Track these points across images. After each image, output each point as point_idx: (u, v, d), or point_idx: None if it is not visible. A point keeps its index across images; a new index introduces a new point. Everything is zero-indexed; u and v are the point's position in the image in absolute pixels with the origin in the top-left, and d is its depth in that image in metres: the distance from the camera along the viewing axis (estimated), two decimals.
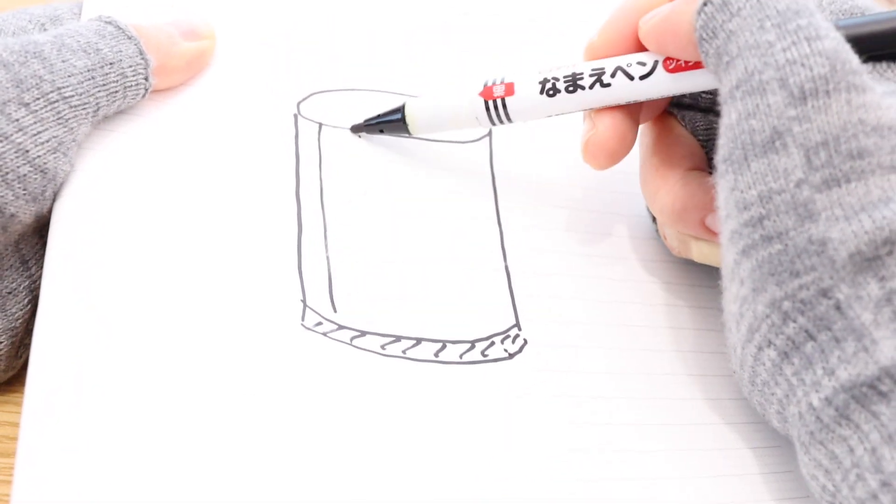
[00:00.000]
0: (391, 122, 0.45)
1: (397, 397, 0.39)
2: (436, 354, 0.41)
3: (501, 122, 0.43)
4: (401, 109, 0.45)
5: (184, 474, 0.34)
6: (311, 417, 0.37)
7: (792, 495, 0.40)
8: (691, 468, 0.40)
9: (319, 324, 0.40)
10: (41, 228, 0.41)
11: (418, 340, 0.41)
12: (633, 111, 0.42)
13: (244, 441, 0.36)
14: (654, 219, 0.46)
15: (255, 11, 0.48)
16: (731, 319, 0.37)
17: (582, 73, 0.41)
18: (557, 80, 0.42)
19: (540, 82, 0.42)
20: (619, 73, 0.41)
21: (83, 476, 0.33)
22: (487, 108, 0.43)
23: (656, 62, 0.40)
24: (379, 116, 0.45)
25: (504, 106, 0.43)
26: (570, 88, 0.41)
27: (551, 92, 0.42)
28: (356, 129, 0.46)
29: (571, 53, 0.51)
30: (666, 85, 0.40)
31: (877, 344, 0.33)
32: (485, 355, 0.41)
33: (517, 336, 0.42)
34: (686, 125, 0.44)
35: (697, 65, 0.39)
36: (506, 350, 0.42)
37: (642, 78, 0.40)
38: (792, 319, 0.34)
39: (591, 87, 0.41)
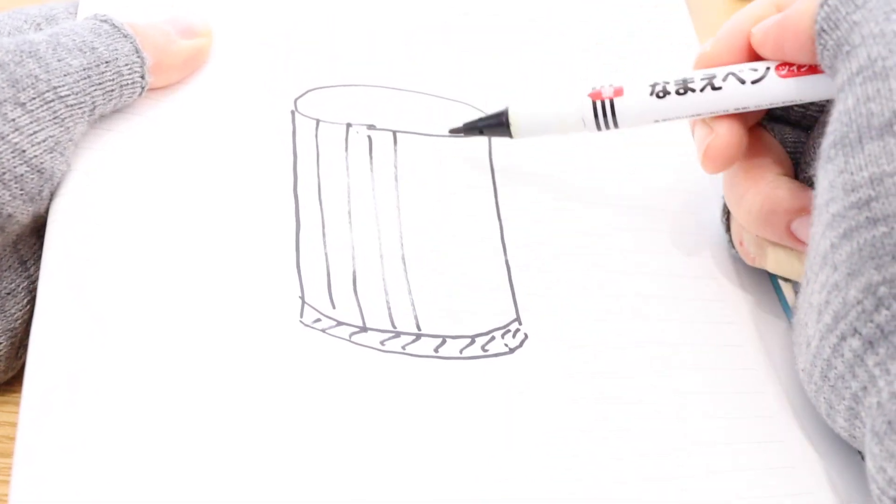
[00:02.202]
0: (493, 126, 0.45)
1: (397, 393, 0.39)
2: (436, 350, 0.41)
3: (608, 126, 0.43)
4: (504, 112, 0.45)
5: (182, 472, 0.34)
6: (310, 414, 0.37)
7: (792, 490, 0.40)
8: (692, 467, 0.40)
9: (318, 320, 0.40)
10: (39, 229, 0.41)
11: (418, 336, 0.41)
12: (742, 120, 0.43)
13: (243, 439, 0.36)
14: (727, 228, 0.46)
15: (252, 9, 0.48)
16: (812, 311, 0.37)
17: (693, 78, 0.42)
18: (668, 83, 0.42)
19: (650, 85, 0.42)
20: (731, 78, 0.41)
21: (81, 475, 0.33)
22: (595, 111, 0.43)
23: (768, 68, 0.41)
24: (481, 120, 0.46)
25: (612, 109, 0.43)
26: (681, 91, 0.42)
27: (661, 94, 0.42)
28: (455, 132, 0.46)
29: (571, 54, 0.52)
30: (777, 90, 0.41)
31: None
32: (485, 350, 0.41)
33: (517, 331, 0.42)
34: (776, 136, 0.44)
35: (811, 70, 0.40)
36: (506, 345, 0.41)
37: (754, 83, 0.41)
38: (885, 307, 0.34)
39: (702, 90, 0.41)
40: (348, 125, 0.46)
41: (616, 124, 0.43)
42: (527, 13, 0.53)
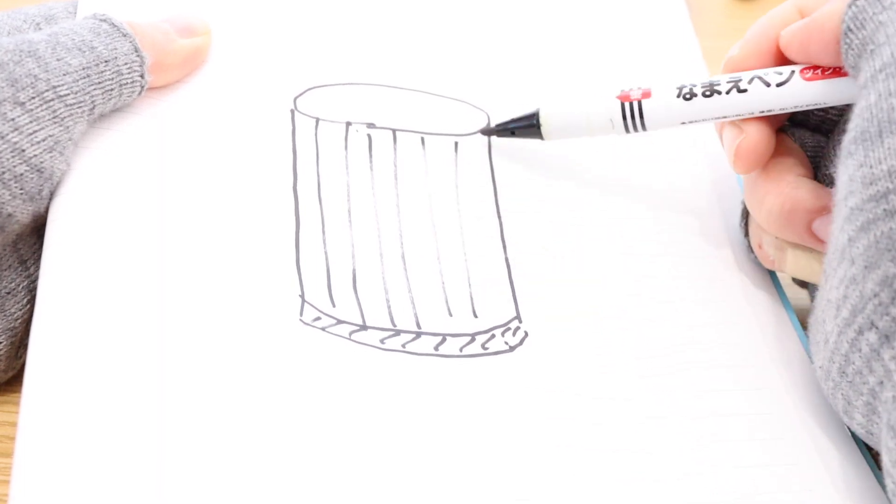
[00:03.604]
0: (524, 127, 0.46)
1: (397, 392, 0.39)
2: (436, 348, 0.40)
3: (636, 128, 0.44)
4: (535, 115, 0.46)
5: (181, 471, 0.34)
6: (311, 413, 0.37)
7: (795, 488, 0.40)
8: (693, 464, 0.40)
9: (318, 319, 0.40)
10: (39, 228, 0.41)
11: (418, 334, 0.41)
12: (770, 122, 0.43)
13: (243, 438, 0.36)
14: (745, 232, 0.46)
15: (251, 7, 0.48)
16: (830, 307, 0.37)
17: (719, 81, 0.43)
18: (695, 85, 0.43)
19: (677, 87, 0.43)
20: (756, 81, 0.42)
21: (81, 475, 0.33)
22: (623, 113, 0.44)
23: (793, 71, 0.41)
24: (513, 121, 0.46)
25: (640, 112, 0.44)
26: (707, 93, 0.43)
27: (688, 96, 0.43)
28: (487, 132, 0.47)
29: (571, 54, 0.52)
30: (802, 93, 0.41)
31: None
32: (485, 348, 0.41)
33: (518, 328, 0.42)
34: (796, 140, 0.45)
35: (835, 73, 0.41)
36: (506, 343, 0.41)
37: (779, 85, 0.41)
38: None
39: (728, 92, 0.42)
40: (348, 124, 0.46)
41: (644, 126, 0.44)
42: (526, 13, 0.53)
